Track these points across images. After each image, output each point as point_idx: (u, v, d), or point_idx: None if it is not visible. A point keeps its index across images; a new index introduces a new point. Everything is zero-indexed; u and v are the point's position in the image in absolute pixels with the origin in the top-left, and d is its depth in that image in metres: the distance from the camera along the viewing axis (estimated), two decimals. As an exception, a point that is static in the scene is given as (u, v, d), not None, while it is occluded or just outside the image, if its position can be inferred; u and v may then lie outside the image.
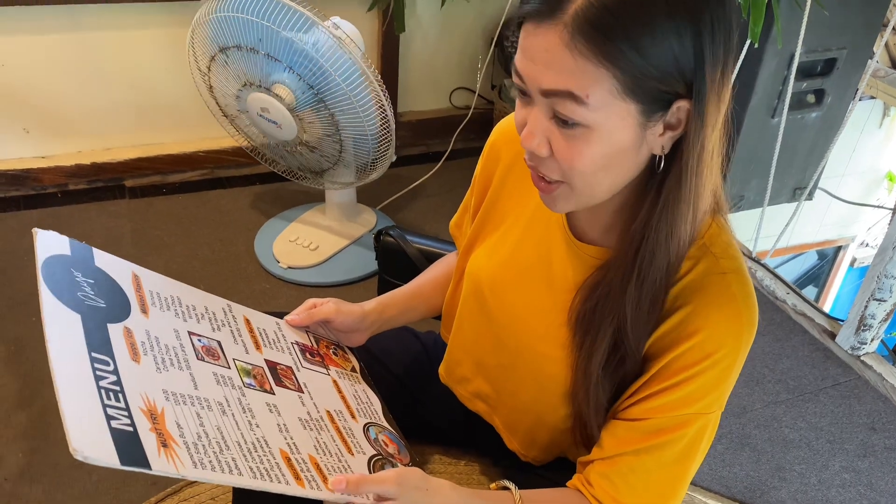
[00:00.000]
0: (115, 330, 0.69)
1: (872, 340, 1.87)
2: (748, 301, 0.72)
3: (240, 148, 2.01)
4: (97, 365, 0.64)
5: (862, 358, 1.87)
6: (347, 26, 1.70)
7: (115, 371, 0.65)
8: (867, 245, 4.03)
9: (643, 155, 0.67)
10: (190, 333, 0.78)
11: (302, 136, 1.80)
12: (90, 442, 0.56)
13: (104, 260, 0.78)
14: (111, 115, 2.27)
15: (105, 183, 2.31)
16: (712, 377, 0.72)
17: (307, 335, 0.94)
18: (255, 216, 2.24)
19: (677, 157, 0.66)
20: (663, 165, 0.67)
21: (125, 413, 0.61)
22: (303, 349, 0.90)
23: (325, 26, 1.62)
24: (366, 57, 1.66)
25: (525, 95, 0.67)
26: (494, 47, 2.51)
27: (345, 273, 2.03)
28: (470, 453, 1.07)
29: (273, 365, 0.84)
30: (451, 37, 2.55)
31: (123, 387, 0.63)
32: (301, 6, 1.61)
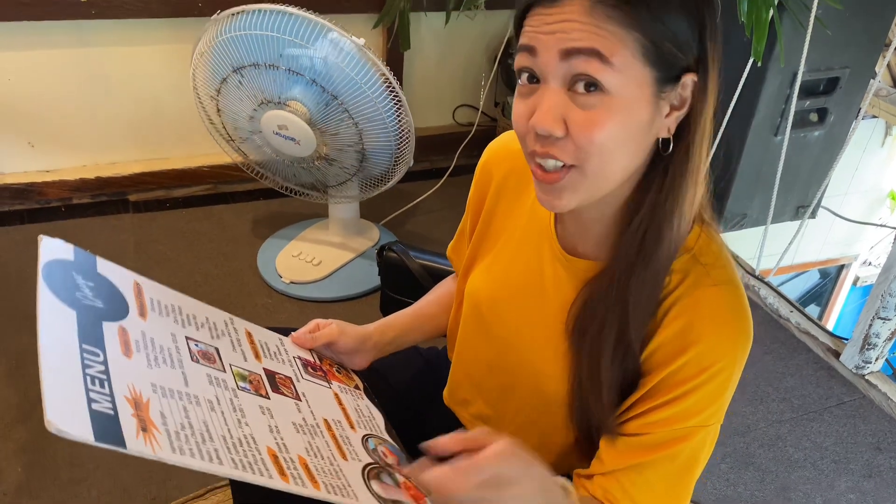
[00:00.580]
0: (110, 328, 0.69)
1: (877, 359, 1.86)
2: (742, 312, 0.72)
3: (243, 163, 2.01)
4: (86, 355, 0.63)
5: (866, 377, 1.86)
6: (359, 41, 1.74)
7: (104, 362, 0.64)
8: (870, 264, 4.02)
9: (652, 136, 0.68)
10: (187, 338, 0.77)
11: (321, 150, 1.81)
12: (67, 416, 0.55)
13: (107, 268, 0.77)
14: (116, 130, 2.28)
15: (109, 197, 2.31)
16: (710, 390, 0.71)
17: (311, 353, 0.93)
18: (259, 231, 2.24)
19: (684, 135, 0.68)
20: (671, 147, 0.68)
21: (108, 398, 0.60)
22: (305, 364, 0.90)
23: (347, 36, 1.64)
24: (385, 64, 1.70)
25: (531, 82, 0.66)
26: (497, 65, 2.52)
27: (347, 288, 2.02)
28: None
29: (272, 373, 0.82)
30: (455, 55, 2.57)
31: (111, 376, 0.62)
32: (320, 18, 1.63)
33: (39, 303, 0.64)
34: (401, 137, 1.79)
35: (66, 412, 0.55)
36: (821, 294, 4.32)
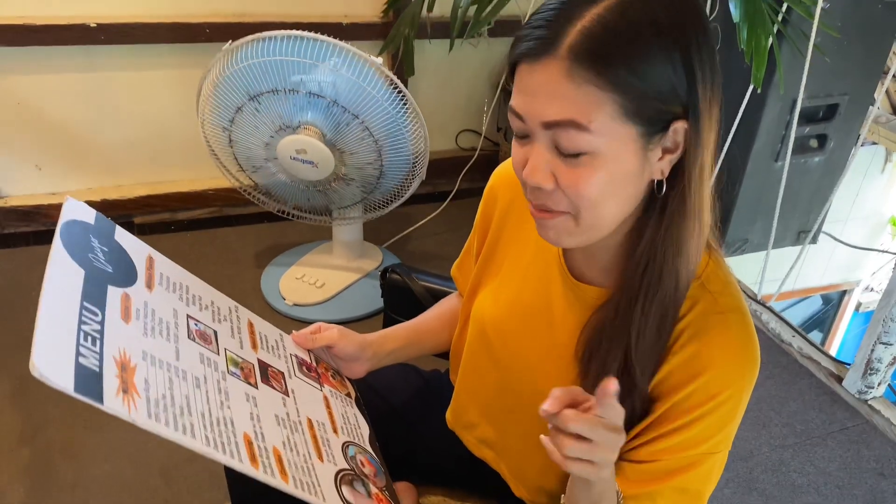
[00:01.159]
0: (115, 292, 0.70)
1: (880, 384, 1.85)
2: (750, 340, 0.72)
3: (248, 186, 2.03)
4: (85, 312, 0.64)
5: (869, 402, 1.86)
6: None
7: (101, 322, 0.64)
8: (872, 290, 4.02)
9: (645, 180, 0.68)
10: (188, 316, 0.78)
11: (340, 171, 1.84)
12: (52, 364, 0.56)
13: (125, 237, 0.79)
14: (123, 153, 2.31)
15: (114, 219, 2.32)
16: (718, 418, 0.72)
17: (309, 354, 0.94)
18: (262, 254, 2.25)
19: (678, 177, 0.67)
20: (665, 188, 0.68)
21: (96, 356, 0.61)
22: (300, 363, 0.90)
23: (365, 56, 1.68)
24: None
25: (523, 138, 0.68)
26: (500, 91, 2.55)
27: (350, 310, 2.03)
28: (474, 495, 1.06)
29: (265, 365, 0.83)
30: (458, 80, 2.60)
31: (104, 336, 0.63)
32: (339, 42, 1.66)
33: (51, 257, 0.65)
34: (416, 150, 1.82)
35: (52, 360, 0.57)
36: (823, 320, 4.31)
